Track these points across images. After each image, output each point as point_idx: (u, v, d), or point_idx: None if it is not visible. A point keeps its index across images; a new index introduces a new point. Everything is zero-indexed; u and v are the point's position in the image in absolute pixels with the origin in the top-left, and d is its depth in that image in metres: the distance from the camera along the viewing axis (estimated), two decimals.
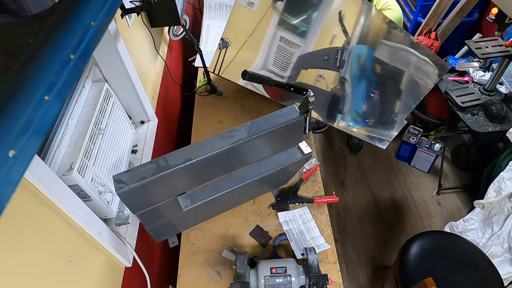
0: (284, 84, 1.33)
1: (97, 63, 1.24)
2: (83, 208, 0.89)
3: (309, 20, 1.54)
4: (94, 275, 0.95)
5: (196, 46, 1.68)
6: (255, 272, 1.15)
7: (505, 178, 1.69)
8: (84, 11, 0.52)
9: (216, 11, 2.18)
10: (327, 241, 1.32)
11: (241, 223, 1.40)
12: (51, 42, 0.45)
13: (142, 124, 1.50)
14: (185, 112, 2.09)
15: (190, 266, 1.29)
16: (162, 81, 1.74)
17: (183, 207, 1.10)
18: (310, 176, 1.54)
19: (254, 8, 1.48)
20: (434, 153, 2.40)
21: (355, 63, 1.61)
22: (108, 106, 1.19)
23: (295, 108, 1.02)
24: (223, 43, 1.54)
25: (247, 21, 1.51)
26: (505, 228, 1.73)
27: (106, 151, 1.14)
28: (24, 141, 0.38)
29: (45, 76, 0.42)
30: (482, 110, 2.06)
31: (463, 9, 2.34)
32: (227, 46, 1.55)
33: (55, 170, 0.93)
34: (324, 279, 1.08)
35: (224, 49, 1.54)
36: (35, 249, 0.72)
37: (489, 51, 1.99)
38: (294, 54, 1.55)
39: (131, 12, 1.27)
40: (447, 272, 1.45)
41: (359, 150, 2.70)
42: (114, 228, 1.15)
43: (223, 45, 1.54)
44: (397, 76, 1.65)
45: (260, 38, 1.53)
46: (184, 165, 0.88)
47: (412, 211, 2.38)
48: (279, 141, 1.10)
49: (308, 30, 1.54)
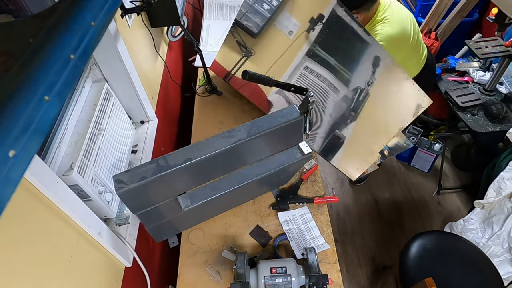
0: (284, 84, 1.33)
1: (97, 63, 1.23)
2: (83, 208, 0.89)
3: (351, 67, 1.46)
4: (94, 275, 0.95)
5: (196, 46, 1.68)
6: (255, 272, 1.15)
7: (505, 178, 1.69)
8: (84, 11, 0.52)
9: (216, 11, 2.18)
10: (327, 241, 1.32)
11: (241, 223, 1.40)
12: (51, 42, 0.45)
13: (142, 124, 1.50)
14: (185, 112, 2.09)
15: (190, 266, 1.29)
16: (162, 81, 1.74)
17: (183, 207, 1.10)
18: (310, 176, 1.54)
19: (291, 37, 1.49)
20: (434, 153, 2.40)
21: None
22: (108, 106, 1.19)
23: (295, 108, 1.02)
24: (247, 51, 1.56)
25: (278, 45, 1.52)
26: (505, 228, 1.73)
27: (106, 151, 1.13)
28: (24, 141, 0.38)
29: (45, 76, 0.42)
30: (482, 110, 2.06)
31: (463, 9, 2.34)
32: (250, 56, 1.57)
33: (55, 170, 0.93)
34: (324, 279, 1.08)
35: (245, 57, 1.57)
36: (35, 249, 0.72)
37: (489, 51, 1.99)
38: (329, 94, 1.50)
39: (131, 12, 1.27)
40: (447, 272, 1.45)
41: (362, 181, 2.55)
42: (114, 228, 1.15)
43: (246, 53, 1.56)
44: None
45: (286, 64, 1.52)
46: (184, 165, 0.88)
47: (412, 211, 2.38)
48: (279, 141, 1.10)
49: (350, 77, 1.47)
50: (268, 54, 1.57)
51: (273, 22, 1.51)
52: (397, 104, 1.43)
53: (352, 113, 1.49)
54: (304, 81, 1.52)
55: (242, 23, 1.56)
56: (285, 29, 1.49)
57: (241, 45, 1.61)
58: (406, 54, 1.74)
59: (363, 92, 1.45)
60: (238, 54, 1.62)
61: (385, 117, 1.44)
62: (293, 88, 1.28)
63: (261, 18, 1.54)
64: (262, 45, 1.57)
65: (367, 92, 1.44)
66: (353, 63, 1.45)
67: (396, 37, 1.64)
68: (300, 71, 1.52)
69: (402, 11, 1.72)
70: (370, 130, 1.49)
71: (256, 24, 1.55)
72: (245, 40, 1.60)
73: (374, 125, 1.48)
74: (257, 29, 1.55)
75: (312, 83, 1.51)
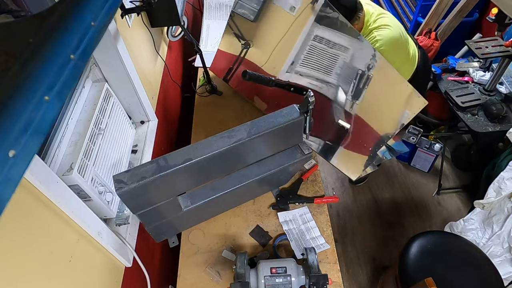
0: (284, 83, 1.33)
1: (97, 63, 1.24)
2: (83, 208, 0.89)
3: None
4: (94, 275, 0.95)
5: (196, 46, 1.68)
6: (255, 272, 1.15)
7: (505, 178, 1.69)
8: (84, 11, 0.52)
9: (216, 11, 2.18)
10: (327, 241, 1.32)
11: (241, 223, 1.40)
12: (51, 42, 0.45)
13: (142, 124, 1.50)
14: (185, 112, 2.09)
15: (190, 266, 1.29)
16: (162, 81, 1.74)
17: (183, 207, 1.10)
18: (310, 176, 1.54)
19: (294, 13, 1.43)
20: (434, 153, 2.40)
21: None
22: (108, 106, 1.19)
23: (295, 108, 1.02)
24: (245, 43, 1.53)
25: (281, 23, 1.47)
26: (505, 228, 1.73)
27: (106, 151, 1.14)
28: (24, 141, 0.38)
29: (45, 76, 0.42)
30: (482, 110, 2.06)
31: (463, 9, 2.34)
32: (248, 48, 1.54)
33: (55, 170, 0.93)
34: (324, 279, 1.08)
35: (245, 50, 1.54)
36: (35, 249, 0.72)
37: (489, 51, 1.99)
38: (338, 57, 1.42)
39: (131, 12, 1.27)
40: (447, 272, 1.45)
41: (362, 181, 2.53)
42: (114, 228, 1.15)
43: (245, 46, 1.53)
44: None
45: (292, 39, 1.46)
46: (184, 165, 0.88)
47: (412, 211, 2.38)
48: (279, 141, 1.10)
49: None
50: (271, 35, 1.51)
51: (271, 1, 1.46)
52: (392, 105, 1.42)
53: (355, 100, 1.46)
54: (314, 53, 1.46)
55: (237, 12, 1.53)
56: (285, 6, 1.43)
57: (239, 37, 1.58)
58: (404, 56, 1.74)
59: (364, 77, 1.39)
60: (237, 48, 1.60)
61: (380, 118, 1.44)
62: (293, 88, 1.28)
63: (256, 2, 1.48)
64: (262, 28, 1.52)
65: (369, 76, 1.39)
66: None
67: (396, 39, 1.65)
68: (309, 44, 1.45)
69: (391, 17, 1.73)
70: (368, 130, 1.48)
71: (252, 10, 1.50)
72: (243, 30, 1.56)
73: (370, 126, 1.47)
74: (253, 15, 1.51)
75: (323, 53, 1.44)
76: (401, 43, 1.69)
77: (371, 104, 1.42)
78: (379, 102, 1.41)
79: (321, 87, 1.50)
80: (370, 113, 1.43)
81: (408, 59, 1.77)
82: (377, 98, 1.41)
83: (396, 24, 1.69)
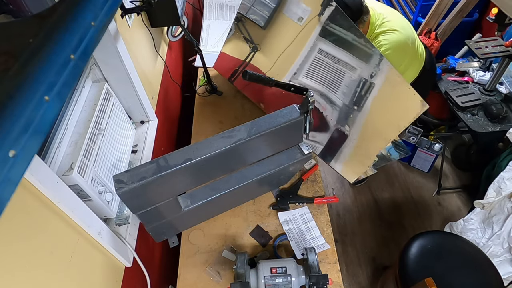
0: (284, 84, 1.33)
1: (97, 63, 1.23)
2: (83, 208, 0.89)
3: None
4: (94, 275, 0.95)
5: (196, 46, 1.68)
6: (255, 272, 1.15)
7: (505, 178, 1.69)
8: (84, 11, 0.52)
9: (216, 11, 2.18)
10: (327, 241, 1.32)
11: (241, 223, 1.40)
12: (51, 42, 0.45)
13: (142, 124, 1.50)
14: (185, 112, 2.09)
15: (190, 266, 1.29)
16: (162, 81, 1.74)
17: (183, 207, 1.10)
18: (310, 176, 1.54)
19: (301, 23, 1.45)
20: (434, 153, 2.40)
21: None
22: (108, 106, 1.19)
23: (295, 108, 1.02)
24: (254, 46, 1.55)
25: (288, 32, 1.49)
26: (505, 228, 1.73)
27: (106, 151, 1.14)
28: (24, 141, 0.38)
29: (45, 76, 0.42)
30: (482, 110, 2.06)
31: (463, 9, 2.34)
32: (256, 51, 1.56)
33: (55, 170, 0.93)
34: (324, 279, 1.08)
35: (252, 53, 1.56)
36: (35, 249, 0.72)
37: (489, 51, 1.99)
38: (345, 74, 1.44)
39: (131, 12, 1.27)
40: (447, 272, 1.45)
41: (362, 181, 2.52)
42: (114, 228, 1.15)
43: (253, 49, 1.56)
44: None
45: (297, 50, 1.48)
46: (184, 165, 0.88)
47: (412, 211, 2.38)
48: (279, 141, 1.10)
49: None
50: (278, 43, 1.53)
51: (281, 10, 1.48)
52: (393, 108, 1.42)
53: (355, 107, 1.47)
54: (320, 66, 1.47)
55: (248, 17, 1.55)
56: (294, 16, 1.45)
57: (248, 40, 1.60)
58: (410, 59, 1.73)
59: (366, 84, 1.41)
60: (244, 51, 1.61)
61: (381, 121, 1.44)
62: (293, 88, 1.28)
63: (267, 9, 1.51)
64: (270, 36, 1.54)
65: (370, 83, 1.40)
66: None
67: (402, 43, 1.64)
68: (315, 55, 1.47)
69: (399, 18, 1.72)
70: (367, 134, 1.48)
71: (263, 17, 1.53)
72: (251, 34, 1.58)
73: (371, 129, 1.47)
74: (264, 22, 1.53)
75: (328, 67, 1.46)
76: (407, 45, 1.66)
77: (372, 111, 1.43)
78: (381, 107, 1.42)
79: (322, 100, 1.51)
80: (371, 119, 1.44)
81: (416, 58, 1.75)
82: (379, 103, 1.41)
83: (404, 26, 1.67)
